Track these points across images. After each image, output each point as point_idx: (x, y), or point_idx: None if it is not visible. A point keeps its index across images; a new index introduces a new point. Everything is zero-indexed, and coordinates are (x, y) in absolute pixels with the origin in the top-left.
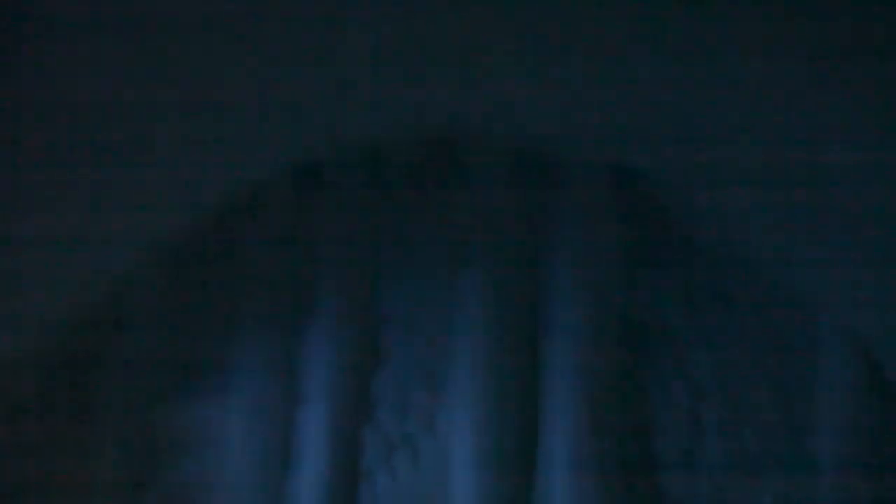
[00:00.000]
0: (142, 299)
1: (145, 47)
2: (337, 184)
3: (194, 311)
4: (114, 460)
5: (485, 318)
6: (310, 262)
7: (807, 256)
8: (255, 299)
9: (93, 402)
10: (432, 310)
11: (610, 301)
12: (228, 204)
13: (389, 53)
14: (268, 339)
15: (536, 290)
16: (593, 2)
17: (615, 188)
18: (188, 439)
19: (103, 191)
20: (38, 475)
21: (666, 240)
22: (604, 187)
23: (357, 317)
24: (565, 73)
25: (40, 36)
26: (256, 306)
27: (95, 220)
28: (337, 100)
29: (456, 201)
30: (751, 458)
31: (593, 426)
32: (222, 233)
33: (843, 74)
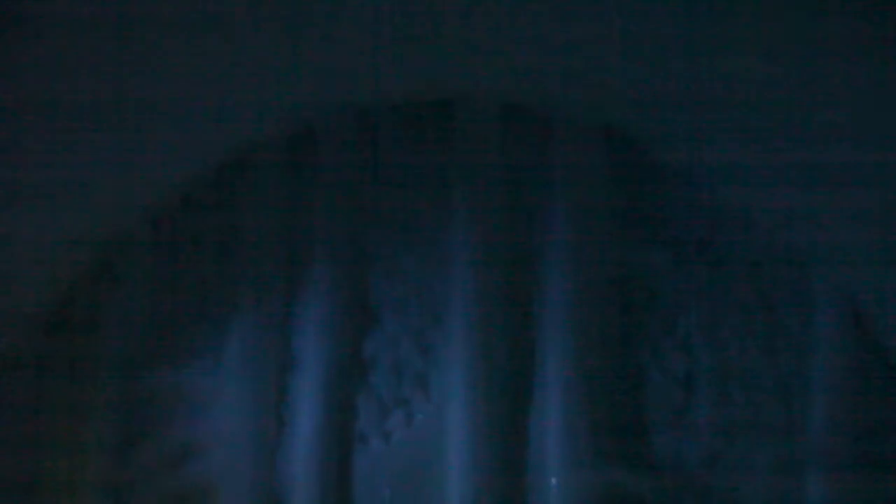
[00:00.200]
0: (135, 260)
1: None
2: (329, 146)
3: (187, 272)
4: (107, 419)
5: (475, 276)
6: (302, 223)
7: (799, 214)
8: (248, 261)
9: (87, 362)
10: (424, 270)
11: (601, 260)
12: (223, 165)
13: (386, 16)
14: (260, 300)
15: (527, 249)
16: None
17: (607, 149)
18: (181, 400)
19: (100, 150)
20: (31, 433)
21: (657, 200)
22: (595, 149)
23: (347, 278)
24: (563, 36)
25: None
26: (249, 268)
27: (90, 179)
28: (330, 64)
29: (448, 162)
30: (741, 420)
31: (585, 386)
32: (215, 194)
33: None
